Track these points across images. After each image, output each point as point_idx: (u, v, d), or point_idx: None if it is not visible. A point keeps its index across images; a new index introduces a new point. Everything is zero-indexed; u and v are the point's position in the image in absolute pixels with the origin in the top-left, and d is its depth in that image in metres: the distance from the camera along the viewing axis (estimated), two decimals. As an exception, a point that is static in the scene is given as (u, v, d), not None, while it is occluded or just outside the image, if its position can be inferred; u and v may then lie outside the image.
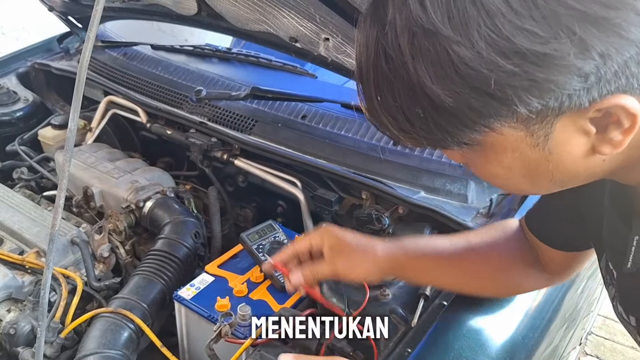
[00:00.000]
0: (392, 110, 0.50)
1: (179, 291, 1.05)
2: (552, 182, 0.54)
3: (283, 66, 1.62)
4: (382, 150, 1.27)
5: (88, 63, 0.50)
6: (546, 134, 0.49)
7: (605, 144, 0.49)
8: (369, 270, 0.87)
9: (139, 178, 1.39)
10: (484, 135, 0.49)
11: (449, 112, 0.47)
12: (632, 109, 0.46)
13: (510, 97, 0.45)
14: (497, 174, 0.55)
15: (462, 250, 0.88)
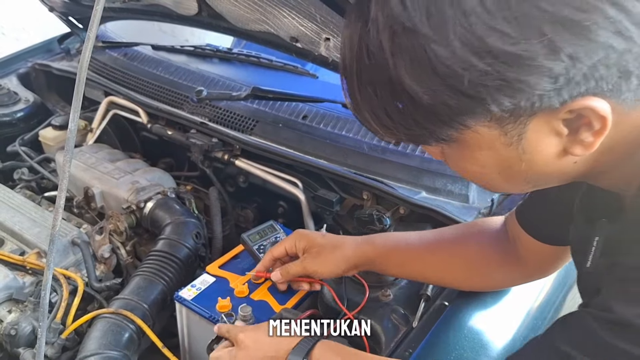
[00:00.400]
0: (373, 105, 0.52)
1: (180, 292, 1.05)
2: (525, 181, 0.56)
3: (284, 66, 1.62)
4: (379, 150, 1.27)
5: (88, 63, 0.50)
6: (520, 134, 0.50)
7: (577, 145, 0.50)
8: (337, 267, 0.92)
9: (139, 179, 1.39)
10: (460, 133, 0.51)
11: (426, 109, 0.49)
12: (602, 112, 0.47)
13: (483, 96, 0.47)
14: (472, 171, 0.57)
15: (432, 242, 0.92)
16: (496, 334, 0.92)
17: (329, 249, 0.92)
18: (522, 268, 0.88)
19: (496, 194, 1.14)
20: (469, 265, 0.91)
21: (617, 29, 0.44)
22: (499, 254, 0.89)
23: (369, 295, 0.97)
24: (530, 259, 0.86)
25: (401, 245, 0.93)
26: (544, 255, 0.84)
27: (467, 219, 1.09)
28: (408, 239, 0.94)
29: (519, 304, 0.98)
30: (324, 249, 0.92)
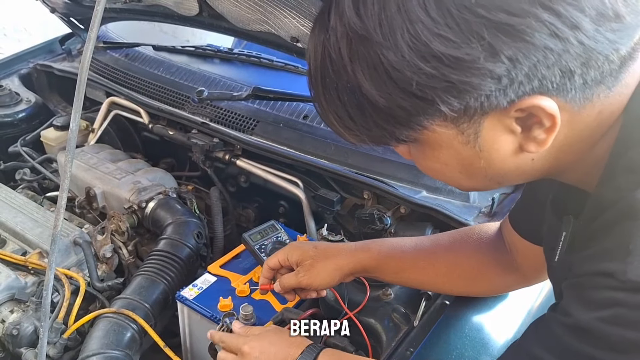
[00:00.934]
0: (337, 109, 0.55)
1: (182, 291, 1.06)
2: (487, 178, 0.58)
3: (284, 66, 1.62)
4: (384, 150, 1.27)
5: (89, 64, 0.50)
6: (475, 132, 0.53)
7: (531, 142, 0.53)
8: (331, 278, 0.92)
9: (141, 179, 1.39)
10: (419, 133, 0.54)
11: (383, 111, 0.52)
12: (550, 110, 0.50)
13: (432, 97, 0.49)
14: (436, 169, 0.59)
15: (428, 250, 0.92)
16: (497, 333, 0.92)
17: (322, 260, 0.92)
18: (519, 274, 0.88)
19: (496, 193, 1.14)
20: (466, 273, 0.91)
21: (552, 31, 0.47)
22: (496, 260, 0.89)
23: (370, 295, 0.98)
24: (527, 263, 0.86)
25: (396, 253, 0.92)
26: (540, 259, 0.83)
27: (468, 218, 1.10)
28: (403, 246, 0.93)
29: (519, 303, 0.98)
30: (317, 261, 0.92)
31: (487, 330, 0.92)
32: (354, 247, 0.94)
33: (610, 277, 0.49)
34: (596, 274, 0.51)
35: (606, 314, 0.49)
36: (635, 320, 0.48)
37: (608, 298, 0.49)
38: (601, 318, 0.50)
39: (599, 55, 0.49)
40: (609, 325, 0.49)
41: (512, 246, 0.87)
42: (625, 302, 0.48)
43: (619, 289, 0.48)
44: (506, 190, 1.17)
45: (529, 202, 0.82)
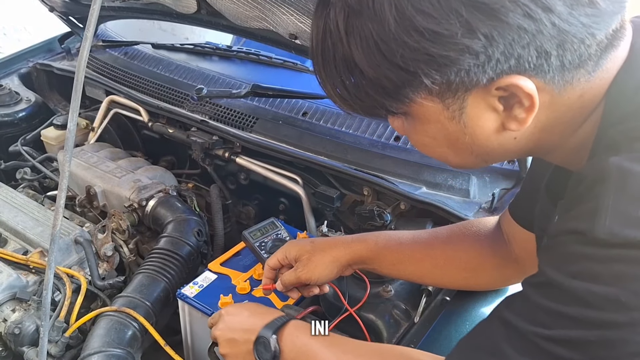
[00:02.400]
0: (334, 79, 0.58)
1: (183, 289, 1.06)
2: (472, 154, 0.61)
3: (283, 63, 1.62)
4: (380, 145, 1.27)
5: (87, 62, 0.50)
6: (460, 108, 0.56)
7: (512, 120, 0.56)
8: (329, 270, 0.93)
9: (141, 177, 1.39)
10: (408, 106, 0.57)
11: (373, 82, 0.55)
12: (527, 89, 0.52)
13: (415, 70, 0.53)
14: (424, 143, 0.63)
15: (426, 243, 0.93)
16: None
17: (319, 254, 0.93)
18: (518, 266, 0.88)
19: (497, 189, 1.13)
20: (464, 266, 0.91)
21: (525, 11, 0.49)
22: (494, 254, 0.89)
23: (370, 291, 0.98)
24: (526, 255, 0.86)
25: (393, 244, 0.93)
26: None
27: (468, 213, 1.09)
28: (401, 238, 0.94)
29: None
30: (313, 255, 0.93)
31: (487, 326, 0.92)
32: (351, 239, 0.95)
33: (579, 234, 0.51)
34: (566, 233, 0.53)
35: (574, 269, 0.51)
36: (603, 273, 0.49)
37: (576, 253, 0.51)
38: (569, 273, 0.51)
39: (574, 38, 0.51)
40: (576, 280, 0.50)
41: (511, 237, 0.87)
42: (592, 256, 0.50)
43: (587, 244, 0.50)
44: (507, 186, 1.16)
45: (528, 191, 0.82)
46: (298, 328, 0.80)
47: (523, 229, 0.84)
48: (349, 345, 0.77)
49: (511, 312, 0.57)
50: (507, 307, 0.58)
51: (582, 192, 0.53)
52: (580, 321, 0.50)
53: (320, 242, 0.95)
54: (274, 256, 0.97)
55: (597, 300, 0.49)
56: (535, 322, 0.53)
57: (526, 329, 0.54)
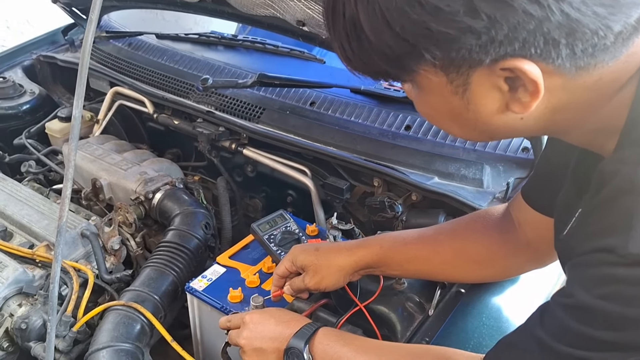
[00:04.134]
0: (341, 39, 0.57)
1: (191, 283, 1.04)
2: (476, 130, 0.60)
3: (290, 52, 1.59)
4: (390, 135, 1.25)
5: (91, 46, 0.48)
6: (464, 85, 0.54)
7: (516, 102, 0.54)
8: (337, 280, 0.92)
9: (147, 169, 1.37)
10: (411, 75, 0.56)
11: (376, 47, 0.54)
12: (531, 75, 0.51)
13: (415, 43, 0.52)
14: (429, 114, 0.63)
15: (432, 239, 0.91)
16: (515, 319, 0.90)
17: (324, 264, 0.92)
18: (531, 253, 0.86)
19: (511, 178, 1.11)
20: (474, 258, 0.89)
21: None
22: (505, 242, 0.87)
23: (383, 284, 0.95)
24: (541, 240, 0.83)
25: (398, 246, 0.91)
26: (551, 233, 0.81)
27: (482, 203, 1.07)
28: (406, 238, 0.92)
29: (536, 290, 0.95)
30: (320, 266, 0.92)
31: (505, 319, 0.90)
32: (355, 245, 0.94)
33: (610, 252, 0.49)
34: (597, 251, 0.51)
35: (606, 291, 0.50)
36: (635, 296, 0.48)
37: (608, 275, 0.50)
38: (601, 295, 0.50)
39: (585, 29, 0.49)
40: (608, 303, 0.49)
41: (523, 222, 0.85)
42: (625, 278, 0.49)
43: (619, 265, 0.48)
44: (521, 175, 1.14)
45: (543, 174, 0.80)
46: (328, 336, 0.79)
47: (537, 212, 0.81)
48: (383, 349, 0.76)
49: (544, 331, 0.57)
50: (540, 324, 0.58)
51: (608, 200, 0.52)
52: (613, 344, 0.50)
53: (325, 250, 0.94)
54: (282, 264, 0.96)
55: (629, 323, 0.48)
56: (568, 343, 0.53)
57: (560, 349, 0.54)
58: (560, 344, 0.54)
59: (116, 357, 0.93)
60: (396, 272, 0.94)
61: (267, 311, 0.87)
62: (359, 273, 0.93)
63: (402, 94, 1.33)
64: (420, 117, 1.26)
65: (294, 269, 0.95)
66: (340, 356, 0.75)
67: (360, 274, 0.93)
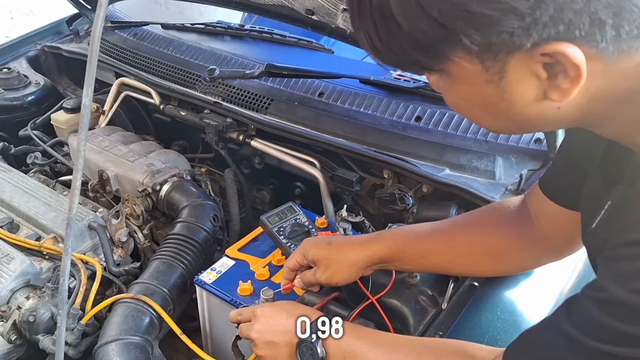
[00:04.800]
0: (367, 28, 0.54)
1: (200, 275, 1.03)
2: (510, 121, 0.57)
3: (298, 42, 1.57)
4: (400, 126, 1.23)
5: (102, 30, 0.46)
6: (500, 72, 0.52)
7: (555, 90, 0.52)
8: (349, 275, 0.91)
9: (154, 161, 1.36)
10: (444, 64, 0.53)
11: (408, 35, 0.51)
12: (574, 59, 0.48)
13: (453, 27, 0.49)
14: (460, 105, 0.60)
15: (447, 233, 0.89)
16: (530, 314, 0.89)
17: (336, 259, 0.90)
18: (547, 246, 0.84)
19: (524, 170, 1.09)
20: (490, 251, 0.88)
21: None
22: (521, 234, 0.85)
23: (395, 277, 0.94)
24: (559, 232, 0.82)
25: (412, 240, 0.90)
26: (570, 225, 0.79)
27: (494, 196, 1.05)
28: (419, 232, 0.90)
29: (551, 283, 0.94)
30: (331, 260, 0.90)
31: (520, 312, 0.89)
32: (367, 239, 0.92)
33: None
34: (631, 244, 0.50)
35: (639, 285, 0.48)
36: None
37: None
38: (635, 289, 0.49)
39: (634, 7, 0.47)
40: None
41: (540, 214, 0.83)
42: None
43: None
44: (534, 166, 1.12)
45: (563, 166, 0.78)
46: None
47: (555, 204, 0.79)
48: (398, 343, 0.74)
49: (572, 325, 0.55)
50: (568, 318, 0.56)
51: None
52: None
53: (337, 245, 0.92)
54: (292, 257, 0.95)
55: None
56: (598, 338, 0.52)
57: (589, 344, 0.53)
58: (589, 339, 0.53)
59: (125, 350, 0.92)
60: (409, 267, 0.92)
61: (279, 304, 0.86)
62: (372, 268, 0.91)
63: (413, 85, 1.31)
64: (431, 108, 1.24)
65: (305, 262, 0.93)
66: (354, 349, 0.74)
67: (373, 268, 0.92)
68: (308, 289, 0.95)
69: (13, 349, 1.04)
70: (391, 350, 0.72)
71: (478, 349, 0.68)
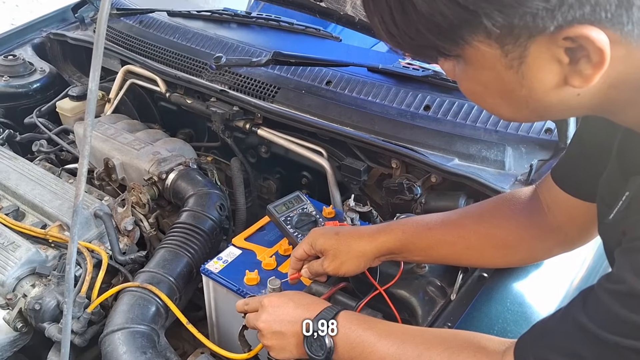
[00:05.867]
0: (382, 12, 0.53)
1: (207, 264, 1.02)
2: (528, 108, 0.56)
3: (305, 29, 1.55)
4: (409, 115, 1.21)
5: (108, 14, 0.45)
6: (520, 57, 0.50)
7: (576, 75, 0.50)
8: (356, 265, 0.90)
9: (160, 149, 1.35)
10: (462, 48, 0.52)
11: (426, 19, 0.50)
12: (599, 43, 0.47)
13: (475, 9, 0.47)
14: (475, 91, 0.58)
15: (457, 224, 0.88)
16: (540, 305, 0.88)
17: (344, 249, 0.89)
18: (560, 236, 0.83)
19: (535, 160, 1.07)
20: (501, 243, 0.86)
21: None
22: (532, 225, 0.84)
23: (403, 268, 0.93)
24: (571, 223, 0.81)
25: (421, 230, 0.88)
26: (583, 216, 0.78)
27: (503, 186, 1.04)
28: (429, 223, 0.89)
29: (561, 275, 0.93)
30: (339, 251, 0.89)
31: (530, 304, 0.88)
32: (377, 230, 0.91)
33: None
34: None
35: None
36: None
37: None
38: None
39: None
40: None
41: (552, 205, 0.82)
42: None
43: None
44: (544, 157, 1.10)
45: (577, 156, 0.77)
46: (350, 320, 0.76)
47: (568, 195, 0.78)
48: (407, 333, 0.73)
49: (588, 317, 0.54)
50: (584, 310, 0.55)
51: None
52: None
53: (345, 235, 0.91)
54: (300, 247, 0.94)
55: None
56: (615, 331, 0.51)
57: (605, 337, 0.52)
58: (606, 332, 0.52)
59: (132, 338, 0.92)
60: (419, 258, 0.91)
61: (286, 294, 0.85)
62: (380, 259, 0.90)
63: (422, 73, 1.29)
64: (440, 97, 1.22)
65: (312, 252, 0.93)
66: (362, 340, 0.73)
67: (381, 259, 0.91)
68: (315, 279, 0.95)
69: (19, 337, 1.03)
70: (400, 340, 0.71)
71: (489, 340, 0.67)
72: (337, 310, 0.78)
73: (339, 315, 0.77)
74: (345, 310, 0.79)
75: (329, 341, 0.74)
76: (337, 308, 0.79)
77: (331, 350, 0.74)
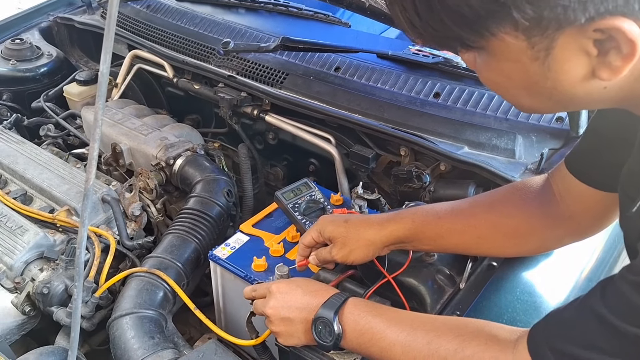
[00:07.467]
0: (405, 3, 0.52)
1: (214, 250, 1.02)
2: (551, 100, 0.55)
3: (314, 15, 1.54)
4: (418, 102, 1.20)
5: None
6: (547, 49, 0.49)
7: (605, 68, 0.49)
8: (365, 254, 0.89)
9: (168, 135, 1.35)
10: (487, 40, 0.51)
11: (452, 10, 0.49)
12: (631, 35, 0.46)
13: (505, 1, 0.47)
14: (498, 82, 0.57)
15: (467, 213, 0.87)
16: (549, 295, 0.87)
17: (353, 237, 0.89)
18: (572, 226, 0.82)
19: (545, 149, 1.06)
20: (512, 233, 0.85)
21: None
22: (544, 214, 0.83)
23: (412, 256, 0.93)
24: (585, 212, 0.80)
25: (431, 219, 0.87)
26: (597, 206, 0.78)
27: (514, 175, 1.03)
28: (439, 212, 0.88)
29: (571, 264, 0.92)
30: (348, 239, 0.89)
31: (539, 294, 0.87)
32: (386, 218, 0.90)
33: None
34: None
35: None
36: None
37: None
38: None
39: None
40: None
41: (565, 194, 0.81)
42: None
43: None
44: (555, 146, 1.09)
45: (592, 145, 0.76)
46: (358, 307, 0.76)
47: (583, 184, 0.77)
48: (417, 320, 0.73)
49: (607, 308, 0.54)
50: (602, 300, 0.55)
51: None
52: None
53: (355, 223, 0.91)
54: (308, 234, 0.94)
55: None
56: (635, 323, 0.51)
57: (625, 328, 0.51)
58: (626, 323, 0.51)
59: (140, 323, 0.92)
60: (428, 247, 0.91)
61: (294, 281, 0.85)
62: (389, 248, 0.90)
63: (432, 60, 1.28)
64: (451, 84, 1.21)
65: (321, 239, 0.92)
66: (371, 327, 0.73)
67: (390, 248, 0.90)
68: (323, 266, 0.94)
69: (27, 320, 1.04)
70: (410, 327, 0.70)
71: (500, 328, 0.67)
72: (346, 297, 0.78)
73: (347, 301, 0.77)
74: (354, 297, 0.78)
75: (338, 327, 0.74)
76: (346, 295, 0.78)
77: (340, 336, 0.74)
